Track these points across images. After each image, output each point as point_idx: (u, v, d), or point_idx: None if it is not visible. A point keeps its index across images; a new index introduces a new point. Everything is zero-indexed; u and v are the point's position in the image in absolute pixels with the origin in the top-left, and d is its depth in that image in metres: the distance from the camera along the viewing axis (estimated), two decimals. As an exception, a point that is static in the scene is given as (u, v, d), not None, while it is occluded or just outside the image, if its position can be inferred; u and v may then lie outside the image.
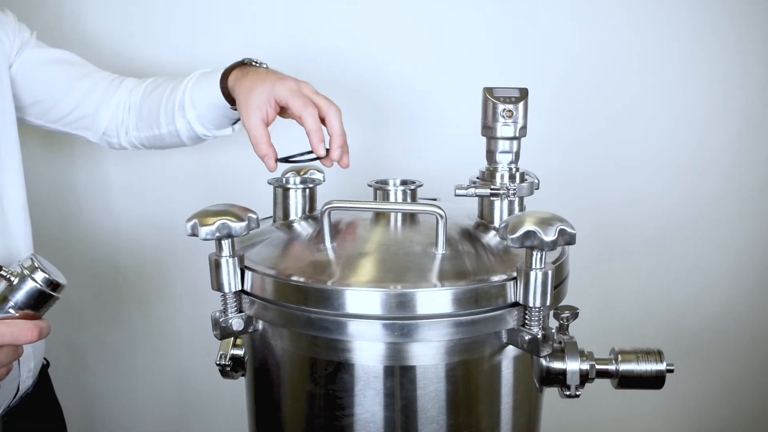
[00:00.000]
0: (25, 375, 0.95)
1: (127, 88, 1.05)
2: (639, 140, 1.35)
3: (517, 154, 0.74)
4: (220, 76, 0.91)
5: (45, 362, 1.05)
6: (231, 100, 0.91)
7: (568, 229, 0.58)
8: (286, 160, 0.80)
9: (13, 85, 0.99)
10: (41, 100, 1.01)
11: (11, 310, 0.66)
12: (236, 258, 0.65)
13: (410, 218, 0.74)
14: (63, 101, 1.02)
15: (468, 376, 0.65)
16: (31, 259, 0.68)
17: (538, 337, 0.61)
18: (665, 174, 1.36)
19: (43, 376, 1.05)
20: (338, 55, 1.32)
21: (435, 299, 0.60)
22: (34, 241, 0.98)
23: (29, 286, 0.66)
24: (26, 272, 0.66)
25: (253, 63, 0.92)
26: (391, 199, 0.75)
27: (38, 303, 0.67)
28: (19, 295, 0.66)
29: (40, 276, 0.66)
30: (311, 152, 0.80)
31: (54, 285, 0.67)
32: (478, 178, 0.76)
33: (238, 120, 0.98)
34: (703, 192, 1.37)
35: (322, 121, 0.83)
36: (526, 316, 0.62)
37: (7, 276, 0.66)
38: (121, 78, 1.07)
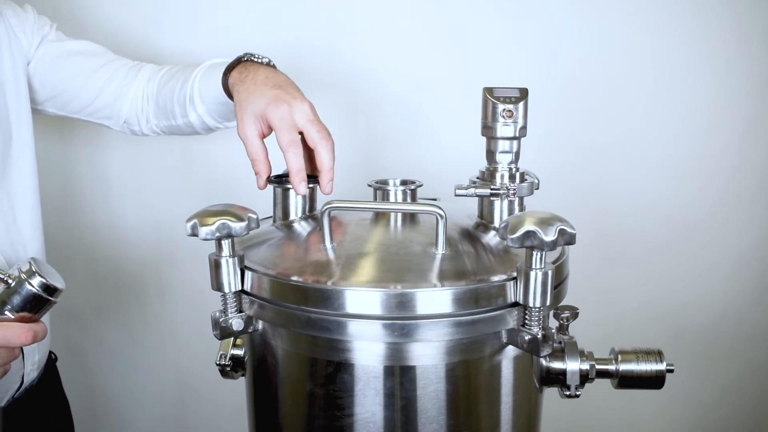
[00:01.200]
0: (30, 368, 0.95)
1: (145, 77, 1.04)
2: (641, 141, 1.34)
3: (517, 154, 0.74)
4: (222, 73, 0.89)
5: (53, 356, 1.06)
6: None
7: (568, 229, 0.58)
8: (278, 181, 0.79)
9: (32, 80, 1.00)
10: (60, 93, 1.02)
11: (8, 313, 0.68)
12: (236, 258, 0.65)
13: (410, 218, 0.74)
14: (81, 94, 1.03)
15: (468, 376, 0.65)
16: (30, 263, 0.69)
17: (538, 337, 0.61)
18: (667, 175, 1.36)
19: (51, 369, 1.05)
20: (338, 54, 1.32)
21: (435, 299, 0.60)
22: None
23: (26, 290, 0.68)
24: (23, 276, 0.68)
25: (254, 59, 0.89)
26: (391, 199, 0.75)
27: (35, 307, 0.69)
28: (16, 299, 0.68)
29: (36, 280, 0.68)
30: (307, 178, 0.78)
31: (51, 290, 0.69)
32: (478, 178, 0.76)
33: None
34: (706, 193, 1.37)
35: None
36: (526, 316, 0.62)
37: (5, 279, 0.68)
38: (140, 65, 1.06)
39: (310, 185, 0.78)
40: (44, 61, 1.00)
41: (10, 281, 0.68)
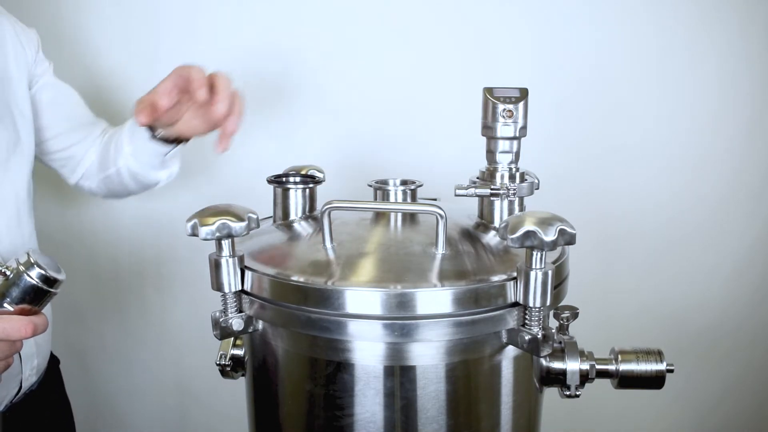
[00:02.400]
0: (28, 372, 0.95)
1: (100, 136, 1.09)
2: (643, 141, 1.34)
3: (517, 154, 0.74)
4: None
5: (56, 359, 1.06)
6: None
7: (568, 229, 0.58)
8: (278, 181, 0.78)
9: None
10: (43, 128, 1.03)
11: (7, 306, 0.67)
12: (236, 258, 0.65)
13: (410, 218, 0.74)
14: (60, 138, 1.05)
15: (468, 376, 0.65)
16: (28, 255, 0.67)
17: (538, 337, 0.61)
18: (669, 175, 1.36)
19: (53, 372, 1.05)
20: (338, 53, 1.32)
21: (435, 299, 0.60)
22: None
23: (24, 281, 0.66)
24: (21, 268, 0.67)
25: None
26: (391, 199, 0.75)
27: (34, 299, 0.67)
28: (15, 291, 0.66)
29: (35, 272, 0.66)
30: (307, 178, 0.80)
31: (50, 281, 0.67)
32: (478, 178, 0.76)
33: (171, 152, 1.00)
34: (708, 194, 1.37)
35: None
36: (526, 316, 0.62)
37: (4, 271, 0.67)
38: (107, 130, 1.10)
39: (311, 185, 0.79)
40: (39, 95, 1.02)
41: (8, 273, 0.67)
